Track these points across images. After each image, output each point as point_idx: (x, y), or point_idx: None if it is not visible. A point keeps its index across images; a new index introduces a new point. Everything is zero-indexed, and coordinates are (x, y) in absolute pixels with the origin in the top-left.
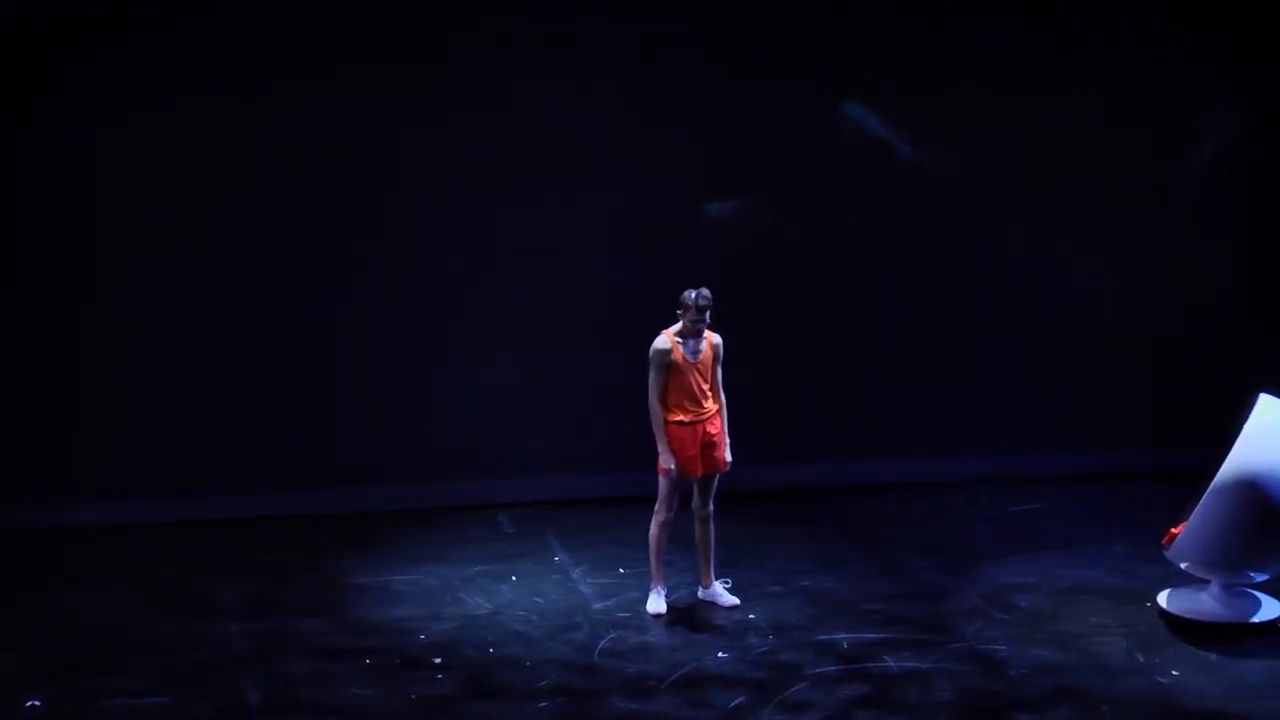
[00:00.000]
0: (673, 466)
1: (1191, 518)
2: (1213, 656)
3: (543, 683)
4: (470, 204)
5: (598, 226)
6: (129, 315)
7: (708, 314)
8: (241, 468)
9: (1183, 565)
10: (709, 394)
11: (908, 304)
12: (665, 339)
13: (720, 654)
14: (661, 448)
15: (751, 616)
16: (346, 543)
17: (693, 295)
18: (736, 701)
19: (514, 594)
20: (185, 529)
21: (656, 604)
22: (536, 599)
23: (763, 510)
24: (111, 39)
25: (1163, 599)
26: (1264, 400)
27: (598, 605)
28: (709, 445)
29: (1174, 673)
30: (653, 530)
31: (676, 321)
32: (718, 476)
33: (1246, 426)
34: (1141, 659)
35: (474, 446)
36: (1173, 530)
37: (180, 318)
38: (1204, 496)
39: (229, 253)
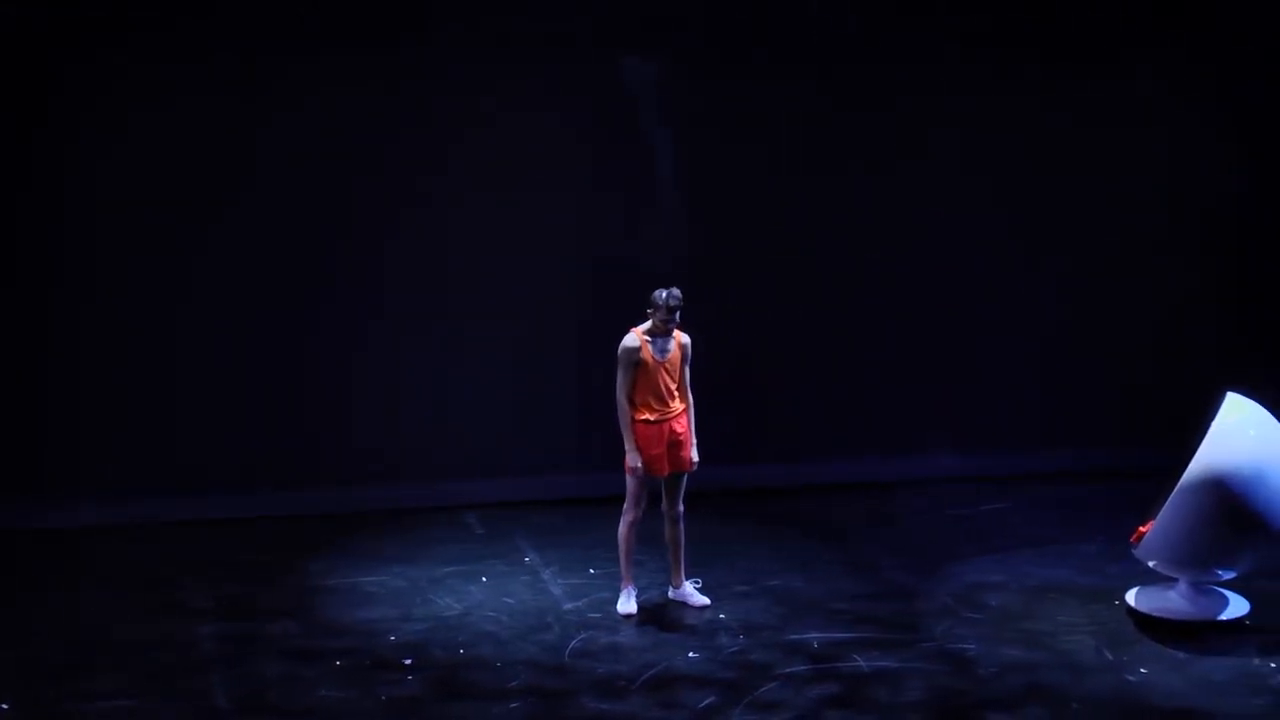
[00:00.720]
0: (639, 465)
1: (1159, 517)
2: (1180, 654)
3: (513, 683)
4: (442, 206)
5: (569, 229)
6: (100, 317)
7: (677, 314)
8: (211, 471)
9: (1151, 564)
10: (676, 394)
11: (878, 305)
12: (634, 337)
13: (691, 654)
14: (629, 446)
15: (722, 616)
16: (316, 544)
17: (663, 295)
18: (707, 701)
19: (484, 595)
20: (155, 532)
21: (627, 604)
22: (507, 600)
23: (732, 510)
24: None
25: (1131, 597)
26: (1231, 399)
27: (568, 606)
28: (675, 444)
29: (1142, 670)
30: (621, 530)
31: (646, 320)
32: (686, 477)
33: (1213, 426)
34: (1110, 657)
35: (444, 447)
36: (1141, 529)
37: (153, 322)
38: (1171, 495)
39: (196, 257)
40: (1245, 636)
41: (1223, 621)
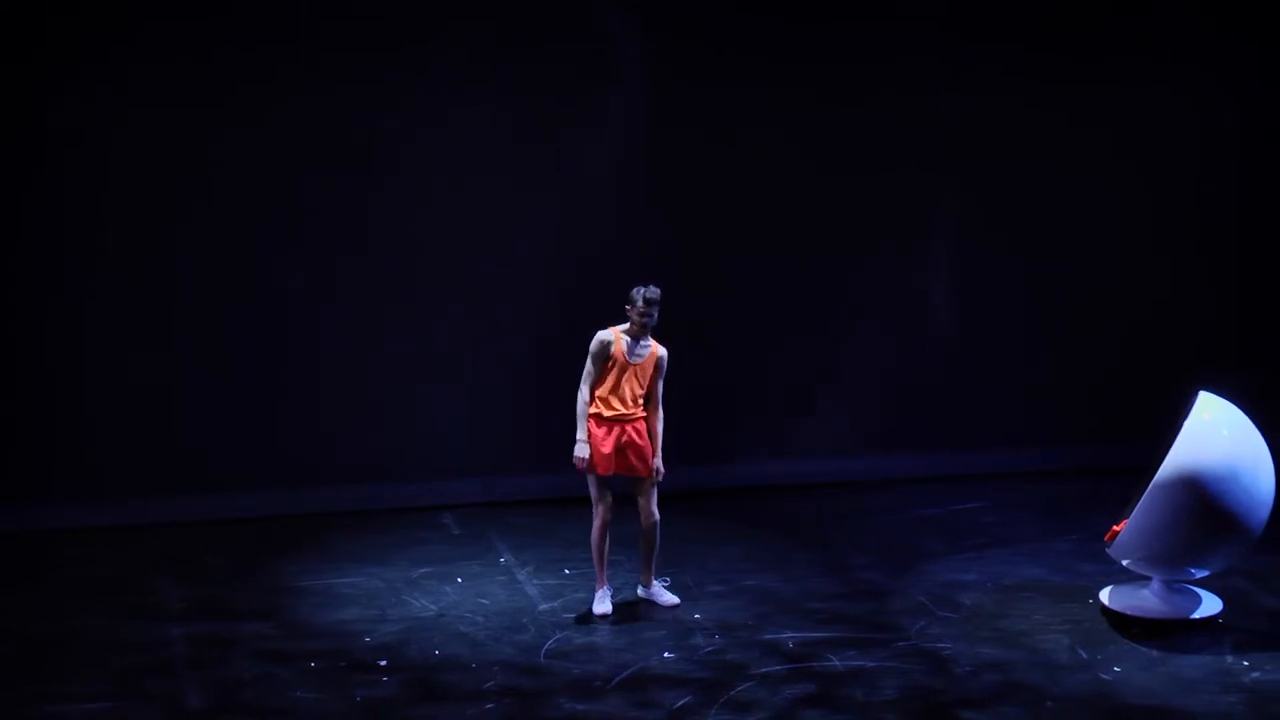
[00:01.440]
0: (585, 456)
1: (1133, 515)
2: (1154, 652)
3: (489, 684)
4: (410, 206)
5: (538, 229)
6: (64, 320)
7: (655, 311)
8: (185, 472)
9: (1124, 562)
10: (639, 400)
11: (850, 304)
12: (610, 331)
13: (666, 654)
14: (579, 436)
15: (697, 616)
16: (291, 545)
17: (640, 291)
18: (683, 701)
19: (459, 595)
20: (127, 533)
21: (601, 605)
22: (482, 600)
23: (707, 510)
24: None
25: (1105, 596)
26: (1204, 398)
27: (543, 606)
28: (629, 448)
29: (1116, 669)
30: (594, 533)
31: (624, 321)
32: (652, 484)
33: (1186, 424)
34: (1084, 655)
35: (418, 448)
36: (1115, 527)
37: (121, 324)
38: (1145, 494)
39: (165, 259)
40: (1218, 634)
41: (1196, 620)
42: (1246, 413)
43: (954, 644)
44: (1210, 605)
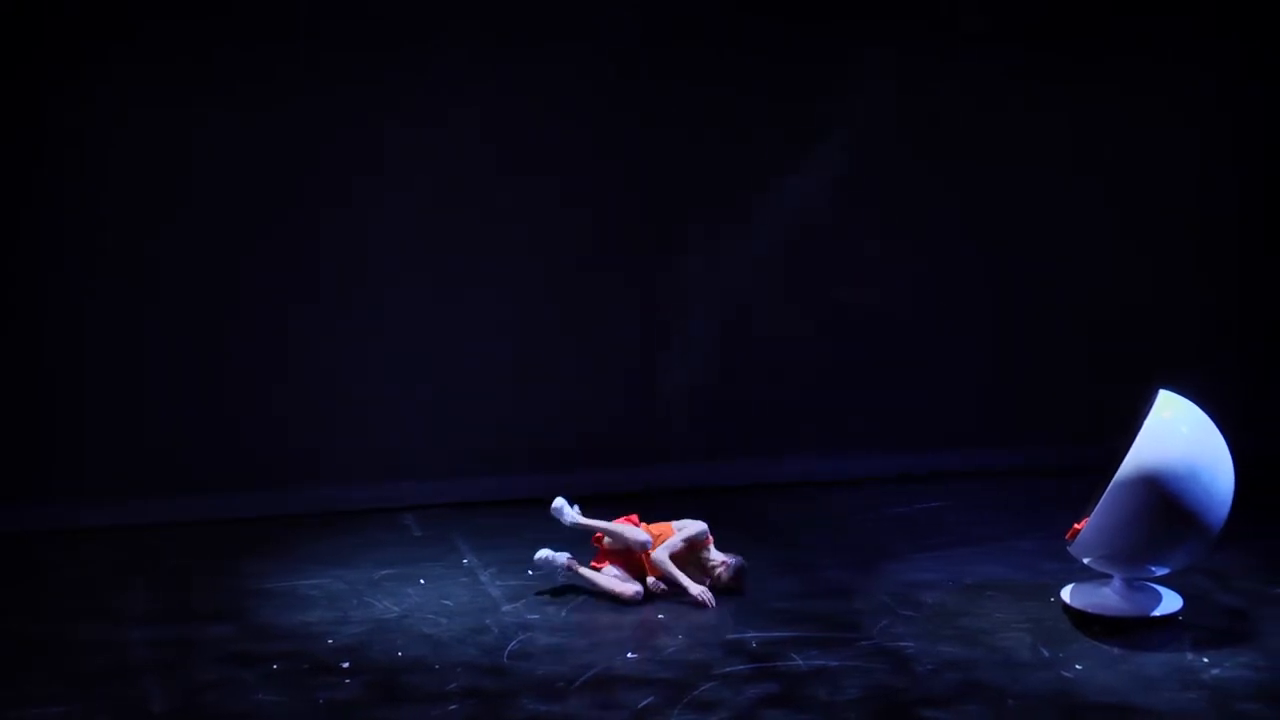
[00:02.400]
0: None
1: (1094, 514)
2: (1115, 650)
3: (452, 685)
4: (373, 204)
5: (504, 227)
6: (20, 321)
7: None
8: (145, 473)
9: (1086, 560)
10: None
11: (814, 304)
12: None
13: (630, 654)
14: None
15: (660, 617)
16: (252, 547)
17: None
18: (646, 701)
19: (422, 597)
20: (84, 536)
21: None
22: (445, 602)
23: (670, 509)
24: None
25: (1066, 594)
26: (1163, 396)
27: (506, 607)
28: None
29: (1078, 667)
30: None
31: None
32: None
33: (1146, 422)
34: (1046, 654)
35: (380, 448)
36: (1076, 526)
37: (82, 325)
38: (1105, 493)
39: (127, 259)
40: (1178, 632)
41: (1156, 617)
42: (1205, 411)
43: (916, 643)
44: (1171, 603)
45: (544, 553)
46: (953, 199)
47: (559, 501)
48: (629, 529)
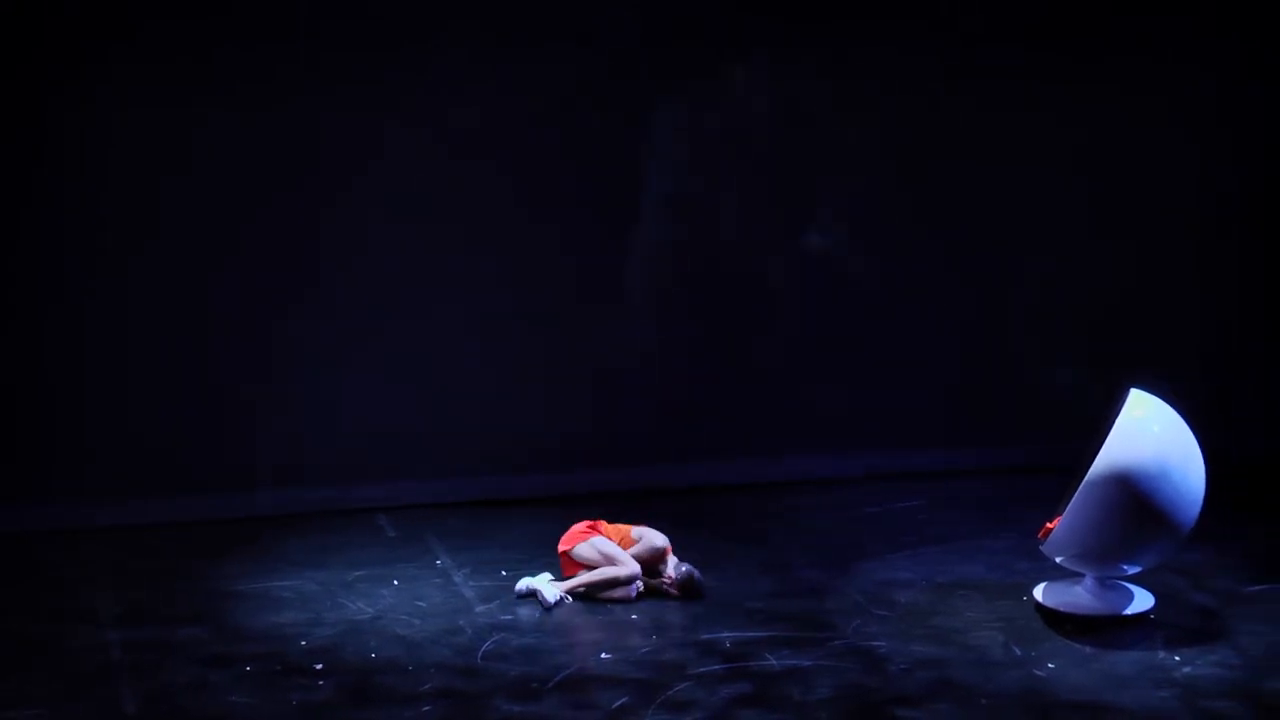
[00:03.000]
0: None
1: (1065, 513)
2: (1087, 649)
3: (425, 687)
4: (347, 206)
5: (477, 228)
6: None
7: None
8: (118, 476)
9: (1058, 559)
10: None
11: (787, 303)
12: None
13: (603, 655)
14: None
15: (634, 617)
16: (226, 549)
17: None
18: (620, 702)
19: (396, 598)
20: (58, 537)
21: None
22: (419, 603)
23: (642, 510)
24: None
25: (1039, 593)
26: (1134, 395)
27: (480, 608)
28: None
29: (1050, 665)
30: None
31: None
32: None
33: (1118, 422)
34: (1019, 652)
35: (355, 449)
36: (1048, 525)
37: (56, 324)
38: (1077, 492)
39: (97, 258)
40: (1150, 630)
41: (1128, 616)
42: (1176, 409)
43: (889, 642)
44: (1142, 601)
45: (524, 585)
46: (927, 195)
47: (525, 584)
48: (615, 570)
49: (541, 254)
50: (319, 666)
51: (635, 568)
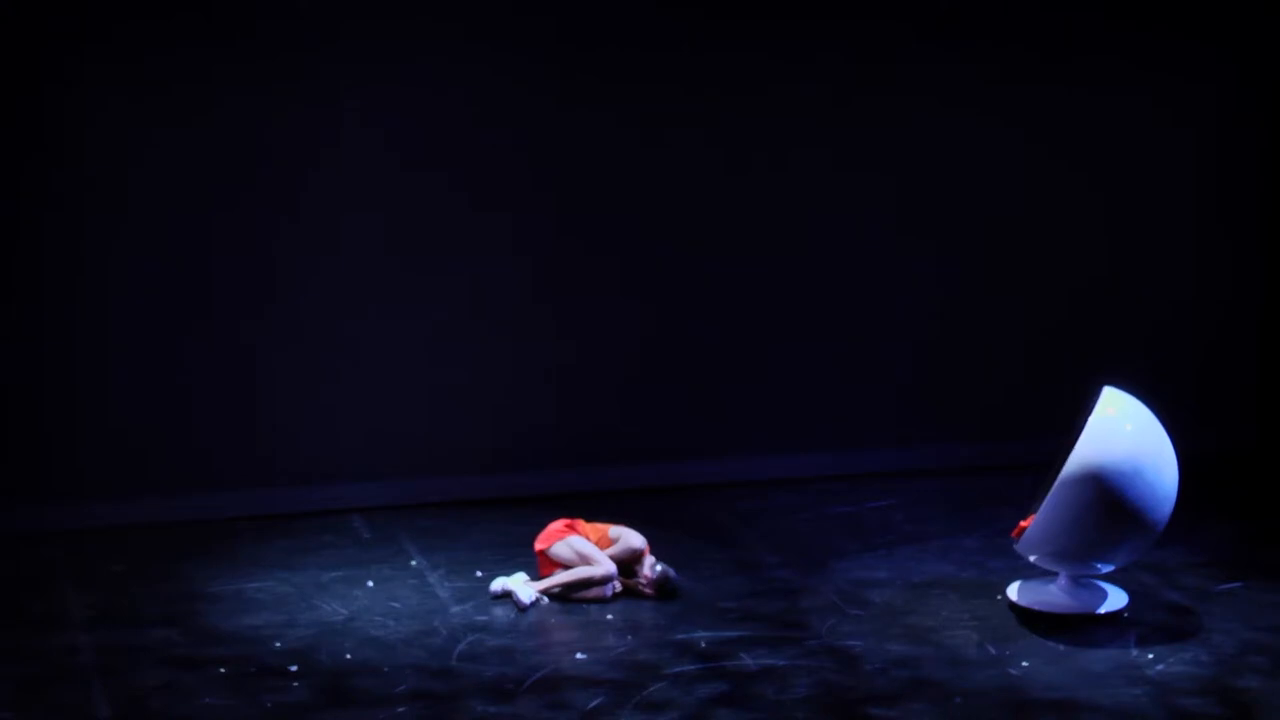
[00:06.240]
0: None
1: (1039, 511)
2: (1061, 647)
3: (400, 688)
4: (322, 204)
5: (451, 227)
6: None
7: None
8: (88, 477)
9: (1031, 558)
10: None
11: (757, 302)
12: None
13: (579, 655)
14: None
15: (609, 617)
16: (198, 550)
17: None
18: (595, 702)
19: (370, 599)
20: (27, 539)
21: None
22: (393, 604)
23: (616, 510)
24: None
25: (1012, 591)
26: (1108, 393)
27: (455, 609)
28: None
29: (1024, 663)
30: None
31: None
32: None
33: (1090, 420)
34: (993, 651)
35: (329, 450)
36: (1022, 524)
37: (16, 322)
38: (1051, 490)
39: (65, 258)
40: (1123, 628)
41: (1102, 614)
42: (1149, 407)
43: (864, 641)
44: (1116, 600)
45: (499, 585)
46: (901, 200)
47: (500, 585)
48: (591, 570)
49: (516, 254)
50: (293, 668)
51: (611, 568)
